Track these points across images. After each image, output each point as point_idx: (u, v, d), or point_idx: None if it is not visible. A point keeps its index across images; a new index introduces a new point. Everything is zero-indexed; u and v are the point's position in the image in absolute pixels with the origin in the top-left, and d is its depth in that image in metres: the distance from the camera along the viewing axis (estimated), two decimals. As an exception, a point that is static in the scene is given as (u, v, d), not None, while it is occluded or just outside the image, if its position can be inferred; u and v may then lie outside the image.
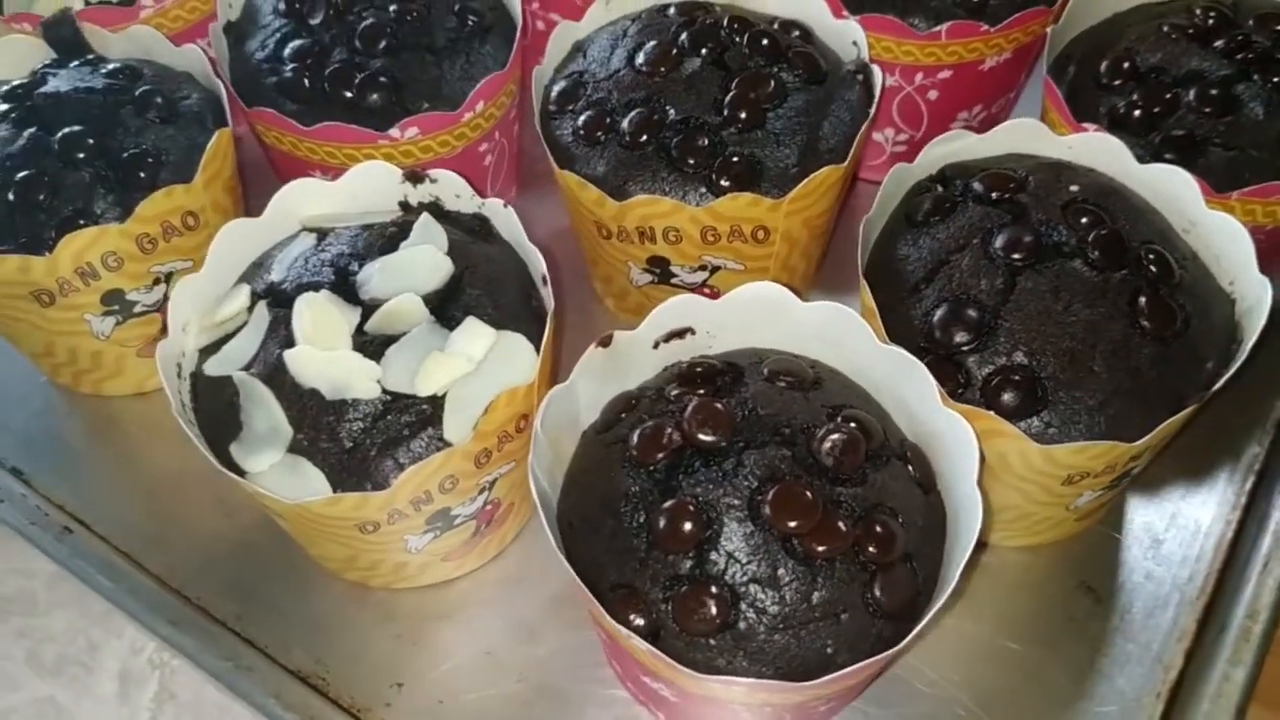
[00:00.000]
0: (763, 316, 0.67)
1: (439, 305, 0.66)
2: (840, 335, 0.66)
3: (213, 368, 0.66)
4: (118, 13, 0.85)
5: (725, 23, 0.77)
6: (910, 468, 0.63)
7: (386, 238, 0.69)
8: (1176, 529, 0.75)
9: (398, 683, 0.70)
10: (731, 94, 0.73)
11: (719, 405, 0.62)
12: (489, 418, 0.62)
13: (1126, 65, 0.78)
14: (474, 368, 0.63)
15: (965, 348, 0.65)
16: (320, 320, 0.64)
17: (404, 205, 0.74)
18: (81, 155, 0.74)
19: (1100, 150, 0.72)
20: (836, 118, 0.75)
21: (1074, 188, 0.70)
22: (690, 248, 0.74)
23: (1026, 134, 0.74)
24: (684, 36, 0.77)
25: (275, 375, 0.64)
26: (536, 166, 0.92)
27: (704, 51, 0.76)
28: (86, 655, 0.76)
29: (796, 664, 0.58)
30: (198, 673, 0.72)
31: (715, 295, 0.78)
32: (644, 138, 0.73)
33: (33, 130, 0.74)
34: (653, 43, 0.76)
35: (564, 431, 0.65)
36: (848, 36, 0.79)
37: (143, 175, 0.74)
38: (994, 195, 0.70)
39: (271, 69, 0.81)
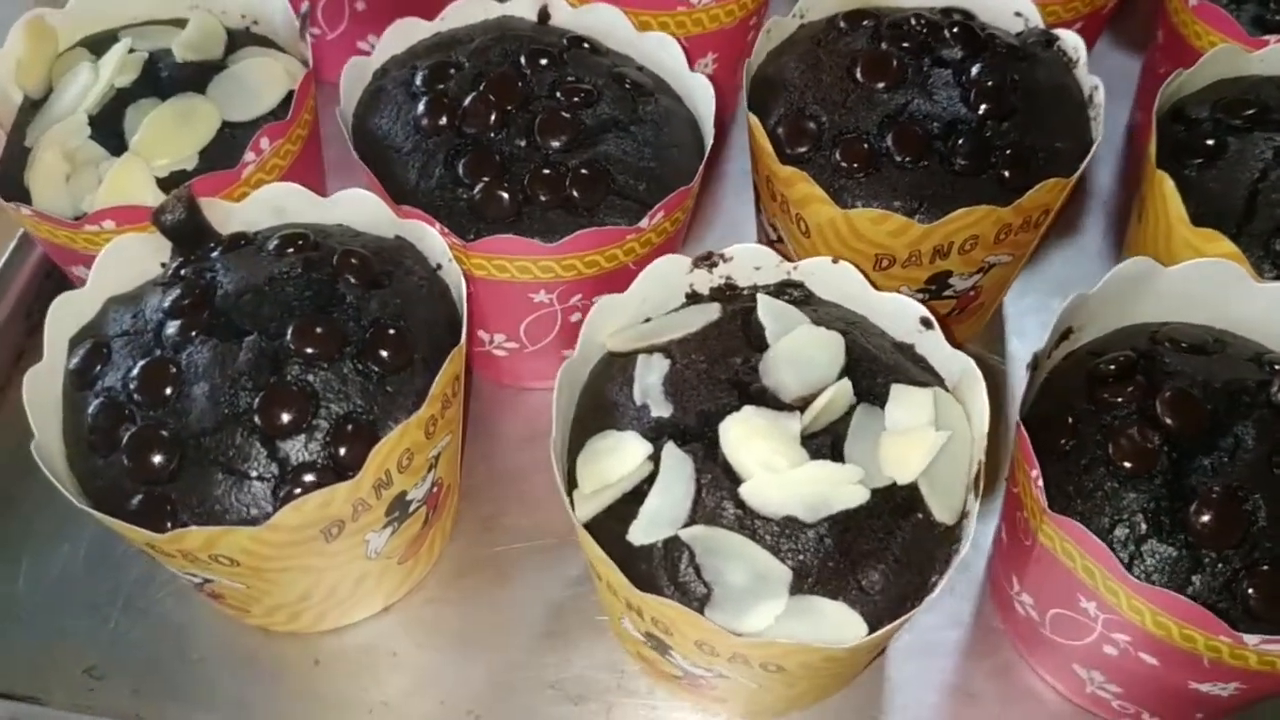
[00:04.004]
0: (1125, 293, 0.66)
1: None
2: (1210, 290, 0.65)
3: (641, 534, 0.56)
4: (221, 179, 0.70)
5: (914, 22, 0.74)
6: None
7: (739, 335, 0.62)
8: None
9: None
10: (975, 89, 0.71)
11: (1184, 391, 0.60)
12: (977, 483, 0.57)
13: (1251, -26, 0.82)
14: (944, 437, 0.57)
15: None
16: (762, 440, 0.56)
17: (692, 296, 0.67)
18: (316, 350, 0.60)
19: (1294, 56, 0.76)
20: (1061, 86, 0.74)
21: (1305, 95, 0.73)
22: (981, 251, 0.71)
23: (1225, 59, 0.76)
24: (883, 45, 0.73)
25: (731, 518, 0.55)
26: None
27: (907, 51, 0.73)
28: None
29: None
30: None
31: (979, 295, 0.76)
32: (919, 155, 0.69)
33: (252, 339, 0.60)
34: (865, 59, 0.72)
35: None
36: (1007, 8, 0.79)
37: (389, 355, 0.62)
38: (1241, 121, 0.72)
39: (451, 193, 0.69)
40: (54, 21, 0.79)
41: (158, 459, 0.58)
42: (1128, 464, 0.58)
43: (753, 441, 0.56)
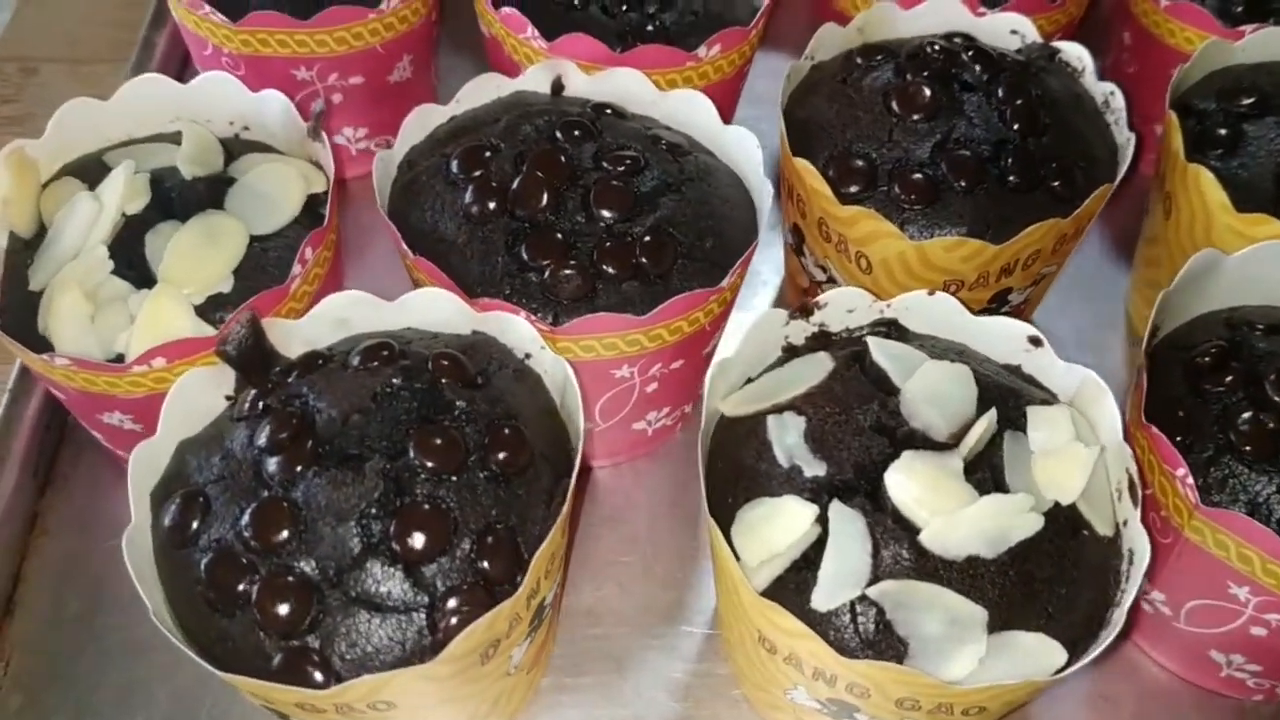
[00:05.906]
0: (1192, 285, 0.68)
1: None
2: (1270, 271, 0.68)
3: (826, 599, 0.54)
4: (271, 297, 0.65)
5: (930, 50, 0.76)
6: None
7: (862, 379, 0.61)
8: None
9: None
10: (1009, 108, 0.72)
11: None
12: (1133, 491, 0.58)
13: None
14: (1097, 450, 0.58)
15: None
16: (932, 485, 0.55)
17: (788, 348, 0.66)
18: (441, 463, 0.56)
19: (1269, 42, 0.81)
20: (1075, 95, 0.77)
21: (1294, 79, 0.78)
22: (1039, 264, 0.72)
23: (1215, 53, 0.80)
24: (908, 76, 0.74)
25: (913, 567, 0.54)
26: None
27: (933, 79, 0.74)
28: None
29: None
30: None
31: (1027, 307, 0.78)
32: (977, 179, 0.70)
33: (373, 462, 0.56)
34: (898, 93, 0.73)
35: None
36: (1003, 27, 0.81)
37: (511, 456, 0.58)
38: (1246, 109, 0.76)
39: (519, 279, 0.67)
40: (33, 152, 0.72)
41: (296, 609, 0.53)
42: (1252, 448, 0.60)
43: (920, 486, 0.55)
